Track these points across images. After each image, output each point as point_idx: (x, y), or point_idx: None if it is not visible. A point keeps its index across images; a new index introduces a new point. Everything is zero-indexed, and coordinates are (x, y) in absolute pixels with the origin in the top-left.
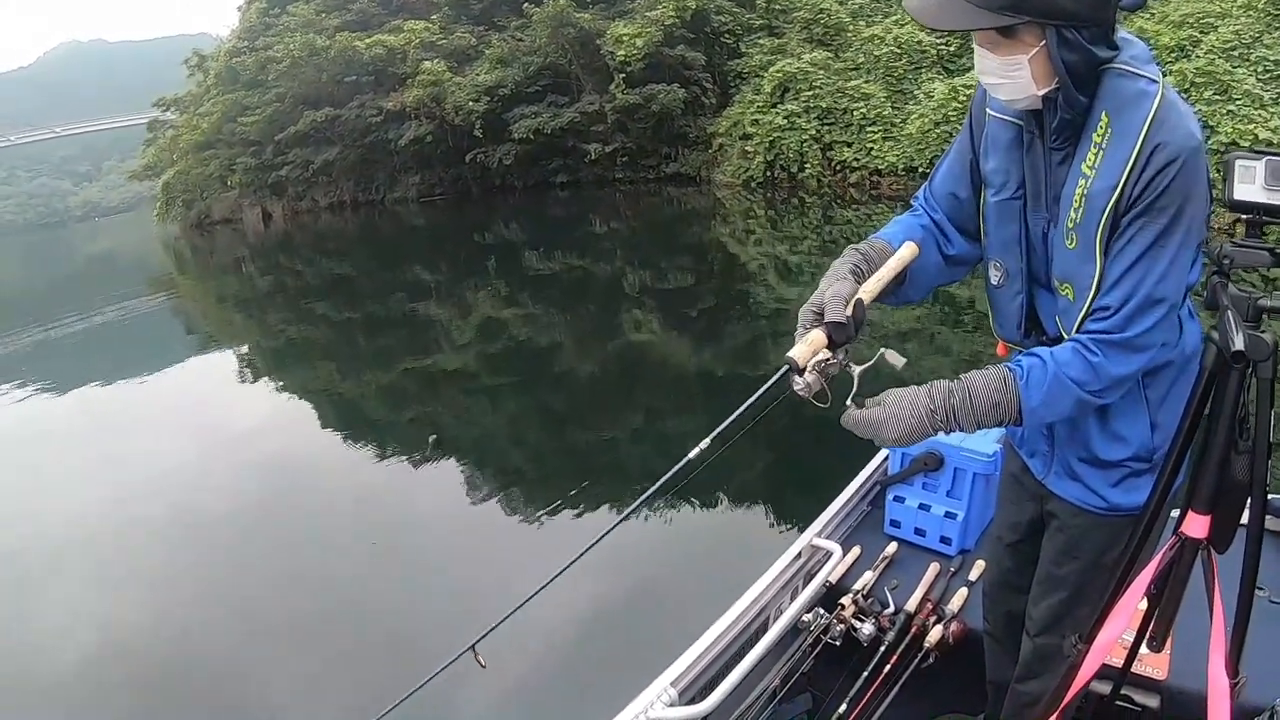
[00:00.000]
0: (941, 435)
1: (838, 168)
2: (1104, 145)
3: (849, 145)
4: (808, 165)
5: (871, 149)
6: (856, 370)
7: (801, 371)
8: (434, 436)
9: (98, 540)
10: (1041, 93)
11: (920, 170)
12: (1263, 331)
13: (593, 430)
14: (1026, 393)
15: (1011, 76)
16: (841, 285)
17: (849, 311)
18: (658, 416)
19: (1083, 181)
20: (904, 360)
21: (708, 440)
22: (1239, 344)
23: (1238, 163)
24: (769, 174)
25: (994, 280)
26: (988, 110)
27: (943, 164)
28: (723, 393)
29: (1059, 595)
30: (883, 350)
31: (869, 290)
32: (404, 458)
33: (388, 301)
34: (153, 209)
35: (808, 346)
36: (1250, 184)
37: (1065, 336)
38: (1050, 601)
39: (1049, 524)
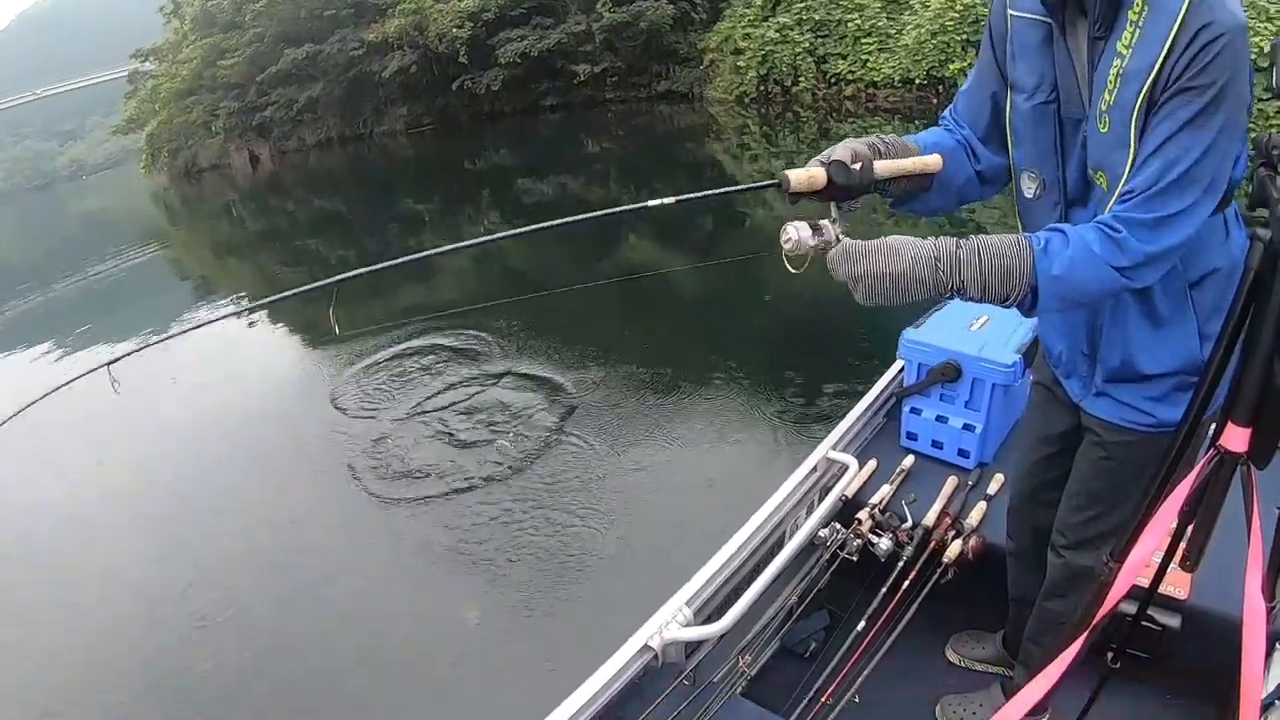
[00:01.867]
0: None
1: (832, 81)
2: (1141, 23)
3: (843, 58)
4: (801, 79)
5: (867, 61)
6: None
7: (791, 193)
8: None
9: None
10: None
11: (917, 82)
12: None
13: (590, 346)
14: (1044, 260)
15: None
16: (858, 144)
17: (857, 165)
18: (652, 331)
19: (1118, 61)
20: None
21: (672, 199)
22: None
23: None
24: (762, 89)
25: (1028, 193)
26: (1010, 12)
27: (966, 84)
28: (720, 308)
29: (1093, 511)
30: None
31: (886, 165)
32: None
33: (381, 235)
34: (139, 162)
35: (805, 174)
36: None
37: None
38: (1083, 517)
39: (1086, 438)
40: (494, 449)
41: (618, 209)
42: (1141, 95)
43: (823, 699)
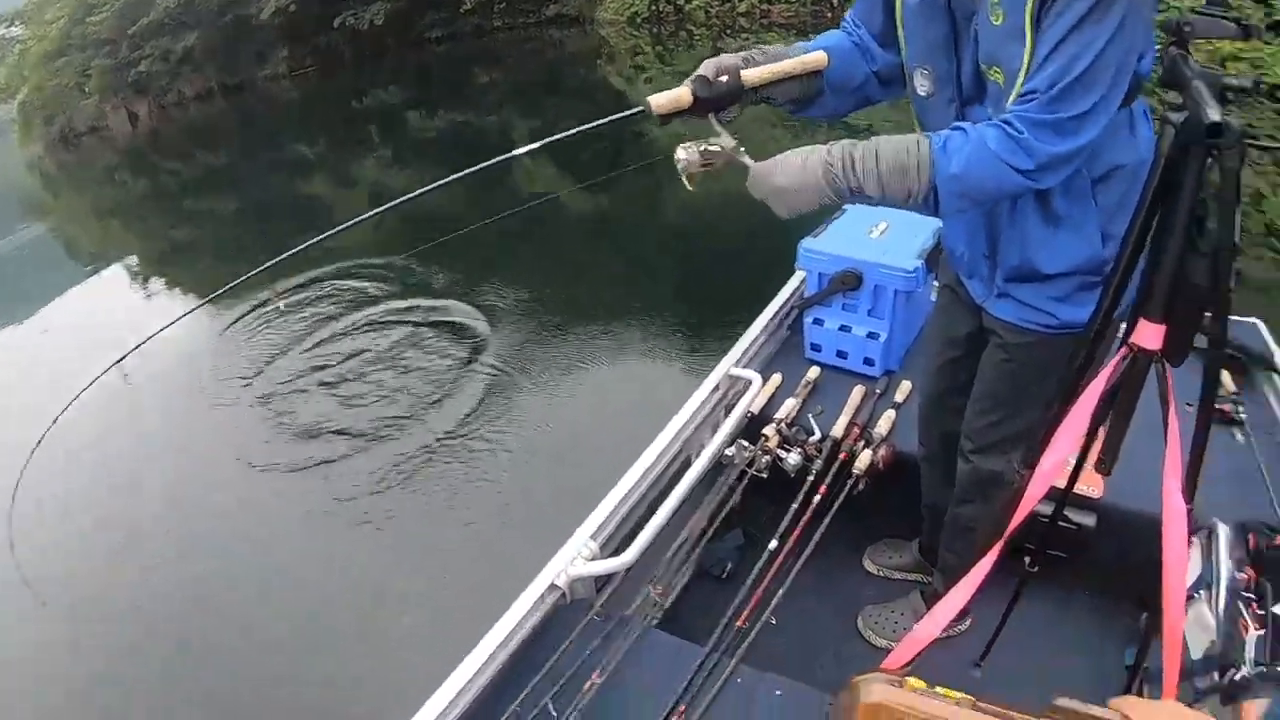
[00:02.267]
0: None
1: None
2: None
3: None
4: None
5: None
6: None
7: (656, 116)
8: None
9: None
10: None
11: None
12: (1228, 114)
13: (490, 282)
14: (943, 158)
15: None
16: (726, 57)
17: (723, 77)
18: (548, 263)
19: None
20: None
21: (536, 144)
22: (1214, 115)
23: None
24: (654, 8)
25: (922, 91)
26: None
27: None
28: (617, 234)
29: (997, 415)
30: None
31: (755, 71)
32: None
33: (271, 185)
34: (12, 133)
35: (668, 95)
36: None
37: None
38: (988, 421)
39: (989, 340)
40: (398, 394)
41: (480, 166)
42: None
43: (738, 623)
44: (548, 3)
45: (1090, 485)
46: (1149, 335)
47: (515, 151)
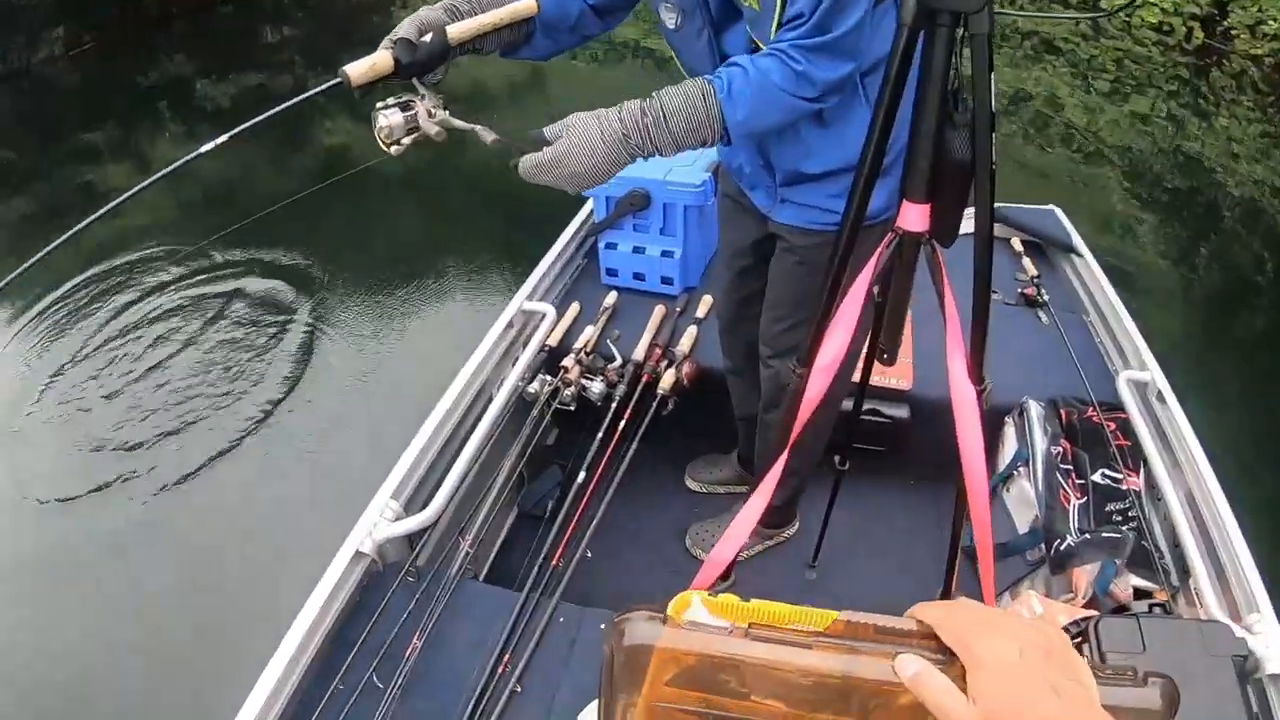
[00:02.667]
0: (641, 163)
1: None
2: None
3: None
4: None
5: None
6: (478, 131)
7: (354, 89)
8: None
9: None
10: None
11: None
12: None
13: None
14: (730, 106)
15: None
16: (428, 13)
17: (426, 36)
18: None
19: None
20: (495, 137)
21: (231, 133)
22: None
23: None
24: None
25: (670, 24)
26: None
27: None
28: (416, 196)
29: (792, 318)
30: (476, 127)
31: (461, 27)
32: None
33: (57, 177)
34: None
35: (366, 64)
36: None
37: None
38: (783, 326)
39: (777, 246)
40: (206, 380)
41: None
42: None
43: (553, 563)
44: None
45: (899, 378)
46: (913, 216)
47: (202, 149)
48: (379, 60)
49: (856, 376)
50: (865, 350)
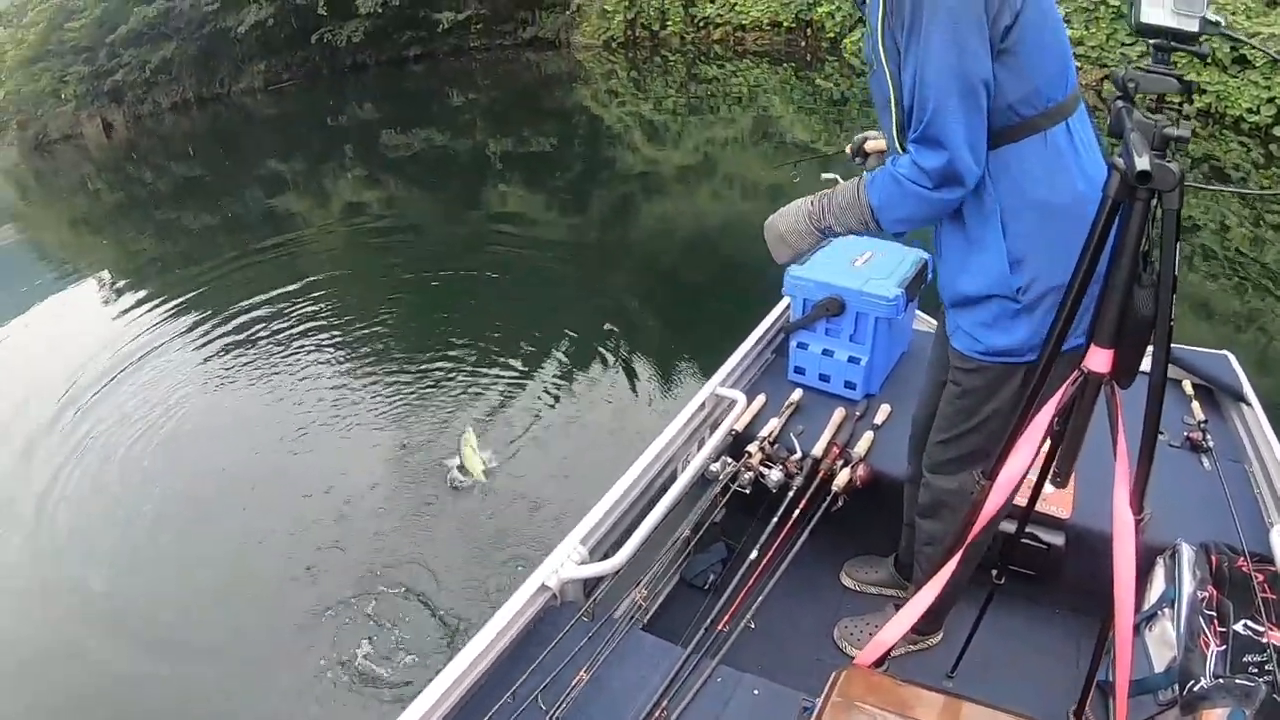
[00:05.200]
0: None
1: (701, 24)
2: None
3: (712, 1)
4: (669, 22)
5: (735, 4)
6: None
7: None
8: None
9: None
10: None
11: (785, 25)
12: (1169, 161)
13: (467, 300)
14: (870, 191)
15: None
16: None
17: None
18: (531, 284)
19: (866, 11)
20: None
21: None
22: (1144, 164)
23: None
24: (630, 33)
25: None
26: None
27: None
28: (598, 257)
29: (945, 435)
30: None
31: None
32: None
33: (244, 200)
34: None
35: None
36: (1159, 7)
37: None
38: (938, 441)
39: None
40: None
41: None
42: (880, 27)
43: (719, 627)
44: (525, 24)
45: (1059, 506)
46: (1099, 360)
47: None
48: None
49: (1024, 500)
50: (1037, 475)
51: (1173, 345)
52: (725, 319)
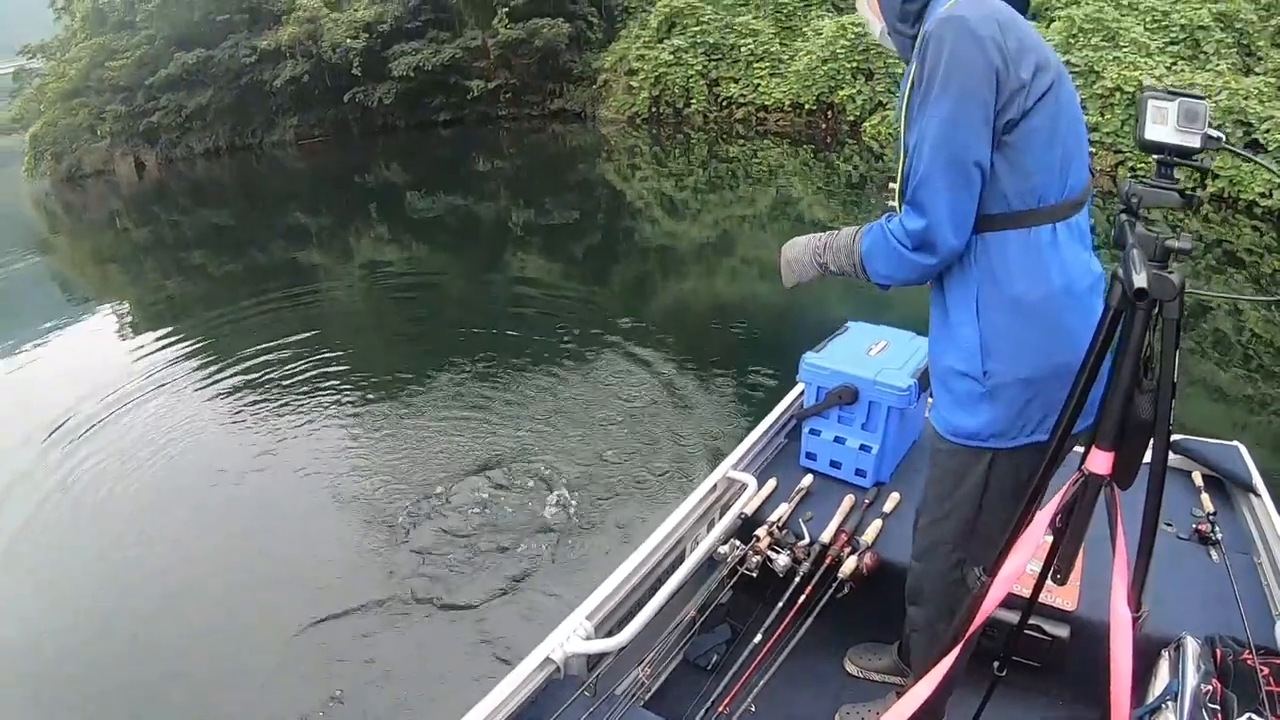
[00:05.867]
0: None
1: (724, 104)
2: (916, 46)
3: (735, 81)
4: (694, 101)
5: (758, 85)
6: None
7: None
8: None
9: None
10: (880, 26)
11: (807, 107)
12: (1170, 272)
13: (480, 363)
14: (864, 238)
15: (866, 18)
16: None
17: None
18: (546, 352)
19: (904, 82)
20: None
21: None
22: (1140, 281)
23: (1151, 102)
24: (654, 110)
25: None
26: None
27: None
28: (614, 329)
29: (923, 519)
30: None
31: None
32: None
33: (268, 249)
34: (22, 165)
35: None
36: (1162, 124)
37: None
38: (919, 524)
39: None
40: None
41: None
42: (906, 94)
43: (720, 709)
44: (553, 96)
45: (1065, 599)
46: (1099, 461)
47: None
48: None
49: (1026, 592)
50: (1040, 570)
51: (1183, 436)
52: (741, 399)
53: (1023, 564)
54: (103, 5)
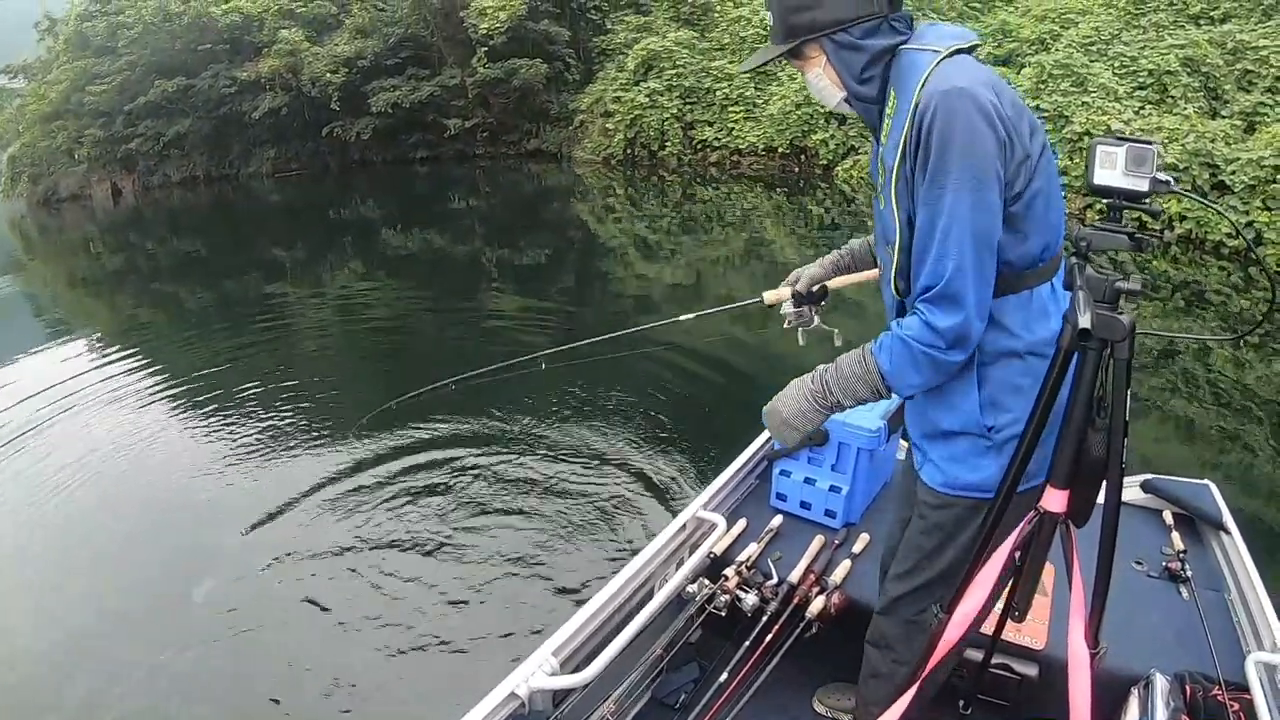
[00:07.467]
0: (835, 416)
1: (698, 146)
2: (891, 115)
3: (710, 124)
4: (669, 143)
5: (733, 129)
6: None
7: (768, 307)
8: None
9: None
10: (841, 95)
11: (780, 151)
12: (1120, 313)
13: (448, 402)
14: (879, 356)
15: (820, 88)
16: (817, 270)
17: (813, 288)
18: (516, 392)
19: (881, 150)
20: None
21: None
22: (1085, 322)
23: (1099, 148)
24: (629, 151)
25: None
26: None
27: None
28: (586, 370)
29: (902, 568)
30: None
31: (837, 282)
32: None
33: (241, 281)
34: None
35: (775, 294)
36: (1111, 169)
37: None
38: (896, 573)
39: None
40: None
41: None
42: (895, 170)
43: None
44: (530, 136)
45: (1033, 637)
46: (1054, 500)
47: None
48: (783, 293)
49: (990, 629)
50: (1001, 607)
51: (1154, 475)
52: (712, 439)
53: (980, 601)
54: (86, 29)
